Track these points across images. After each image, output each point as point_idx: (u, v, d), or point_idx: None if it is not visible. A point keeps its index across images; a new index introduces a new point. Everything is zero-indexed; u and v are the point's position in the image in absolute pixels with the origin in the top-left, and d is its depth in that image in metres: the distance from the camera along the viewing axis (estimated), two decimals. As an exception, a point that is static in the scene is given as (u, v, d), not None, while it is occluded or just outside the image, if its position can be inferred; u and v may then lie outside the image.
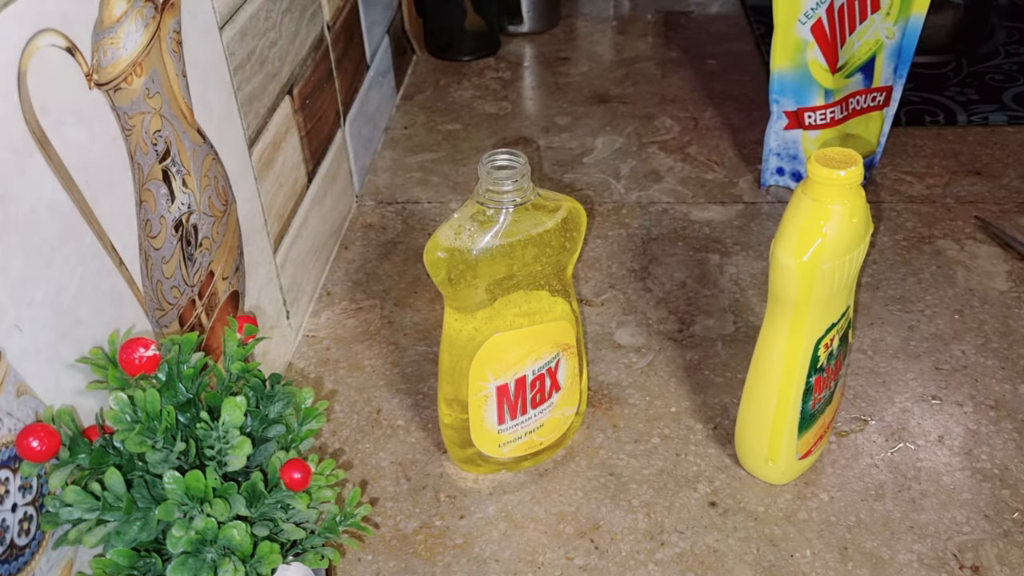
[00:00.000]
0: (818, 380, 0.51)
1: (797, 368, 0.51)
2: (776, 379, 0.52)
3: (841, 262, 0.47)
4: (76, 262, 0.41)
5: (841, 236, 0.46)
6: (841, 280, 0.48)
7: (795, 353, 0.50)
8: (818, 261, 0.47)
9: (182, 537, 0.35)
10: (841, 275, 0.48)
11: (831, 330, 0.50)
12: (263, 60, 0.62)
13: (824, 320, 0.50)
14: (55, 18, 0.39)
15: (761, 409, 0.53)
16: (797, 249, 0.47)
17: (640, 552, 0.53)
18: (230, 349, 0.42)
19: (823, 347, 0.50)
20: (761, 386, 0.53)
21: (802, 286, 0.48)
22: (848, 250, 0.47)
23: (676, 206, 0.84)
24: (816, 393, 0.52)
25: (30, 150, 0.37)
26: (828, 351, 0.51)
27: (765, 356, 0.52)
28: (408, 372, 0.67)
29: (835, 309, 0.50)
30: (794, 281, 0.48)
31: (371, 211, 0.85)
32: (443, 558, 0.53)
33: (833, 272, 0.47)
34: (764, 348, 0.52)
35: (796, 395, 0.51)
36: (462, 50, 1.13)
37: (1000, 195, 0.82)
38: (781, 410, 0.52)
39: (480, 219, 0.49)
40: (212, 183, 0.54)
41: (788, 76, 0.79)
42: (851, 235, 0.47)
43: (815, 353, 0.50)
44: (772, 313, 0.51)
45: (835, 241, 0.46)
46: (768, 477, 0.56)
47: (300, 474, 0.39)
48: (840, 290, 0.49)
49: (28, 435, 0.35)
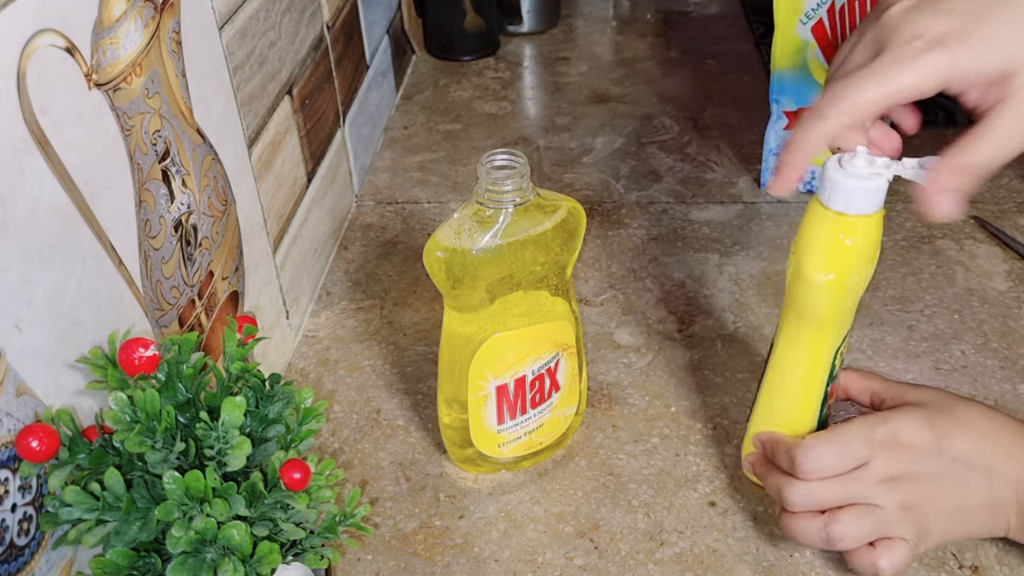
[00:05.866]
0: (833, 388, 0.51)
1: (818, 380, 0.50)
2: (797, 391, 0.50)
3: (868, 272, 0.46)
4: (76, 262, 0.41)
5: (866, 247, 0.45)
6: (863, 289, 0.47)
7: (816, 365, 0.49)
8: (847, 276, 0.45)
9: (182, 537, 0.35)
10: (865, 284, 0.46)
11: (846, 338, 0.49)
12: (263, 60, 0.62)
13: (843, 329, 0.49)
14: (54, 18, 0.39)
15: (779, 418, 0.52)
16: (827, 265, 0.45)
17: (640, 552, 0.53)
18: (230, 349, 0.42)
19: (839, 356, 0.50)
20: (779, 398, 0.51)
21: (832, 303, 0.46)
22: (873, 259, 0.45)
23: (675, 206, 0.84)
24: (830, 400, 0.51)
25: (29, 150, 0.37)
26: (841, 357, 0.50)
27: (784, 369, 0.50)
28: (408, 372, 0.67)
29: (851, 316, 0.49)
30: (824, 299, 0.46)
31: (371, 211, 0.85)
32: (443, 558, 0.53)
33: (859, 284, 0.46)
34: (783, 361, 0.50)
35: (816, 405, 0.50)
36: (462, 50, 1.13)
37: (999, 195, 0.82)
38: (801, 420, 0.51)
39: (480, 219, 0.49)
40: (212, 183, 0.54)
41: (788, 76, 0.79)
42: (875, 244, 0.45)
43: (833, 362, 0.49)
44: (793, 326, 0.49)
45: (861, 253, 0.45)
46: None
47: (300, 474, 0.39)
48: (858, 298, 0.48)
49: (28, 435, 0.35)
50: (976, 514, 0.48)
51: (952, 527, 0.49)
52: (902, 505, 0.47)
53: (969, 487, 0.47)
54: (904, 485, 0.47)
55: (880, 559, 0.47)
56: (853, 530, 0.47)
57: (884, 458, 0.47)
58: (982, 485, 0.47)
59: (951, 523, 0.48)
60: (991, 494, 0.47)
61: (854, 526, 0.47)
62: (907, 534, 0.47)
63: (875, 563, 0.47)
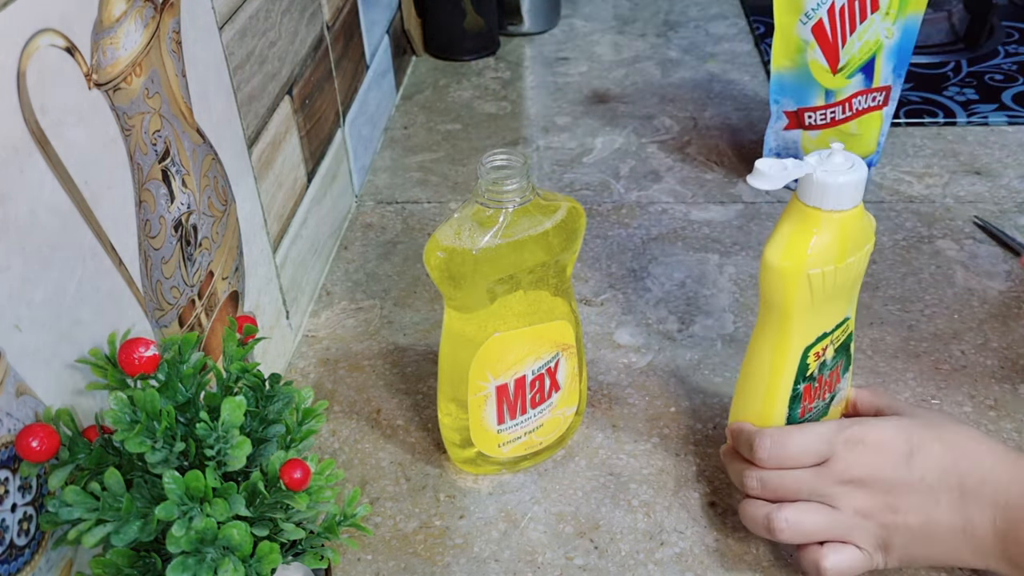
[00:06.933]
0: (807, 388, 0.50)
1: (784, 373, 0.50)
2: (763, 381, 0.51)
3: (832, 269, 0.46)
4: (76, 262, 0.41)
5: (832, 242, 0.46)
6: (833, 287, 0.47)
7: (782, 358, 0.50)
8: (804, 265, 0.46)
9: (182, 537, 0.35)
10: (833, 282, 0.47)
11: (822, 339, 0.49)
12: (263, 60, 0.62)
13: (814, 328, 0.49)
14: (54, 18, 0.38)
15: (748, 409, 0.53)
16: (784, 252, 0.46)
17: (640, 552, 0.53)
18: (229, 349, 0.42)
19: (813, 355, 0.49)
20: (748, 387, 0.52)
21: (788, 290, 0.47)
22: (840, 257, 0.46)
23: (675, 206, 0.84)
24: (806, 401, 0.51)
25: (29, 150, 0.37)
26: (820, 360, 0.50)
27: (754, 358, 0.52)
28: (408, 372, 0.67)
29: (828, 318, 0.49)
30: (780, 284, 0.47)
31: (371, 211, 0.85)
32: (443, 558, 0.53)
33: (823, 278, 0.46)
34: (753, 350, 0.52)
35: (782, 400, 0.50)
36: (462, 50, 1.13)
37: (999, 195, 0.82)
38: (767, 411, 0.51)
39: (480, 219, 0.49)
40: (212, 183, 0.54)
41: (788, 76, 0.79)
42: (843, 242, 0.46)
43: (804, 361, 0.49)
44: (762, 316, 0.50)
45: (825, 247, 0.46)
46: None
47: (300, 474, 0.39)
48: (832, 298, 0.48)
49: (28, 435, 0.35)
50: (946, 537, 0.45)
51: (917, 546, 0.46)
52: (861, 511, 0.46)
53: (938, 506, 0.45)
54: (866, 491, 0.46)
55: (824, 559, 0.46)
56: (797, 523, 0.46)
57: (848, 458, 0.46)
58: (953, 506, 0.45)
59: (916, 541, 0.46)
60: (964, 517, 0.45)
61: (799, 519, 0.46)
62: (863, 542, 0.46)
63: (818, 562, 0.46)
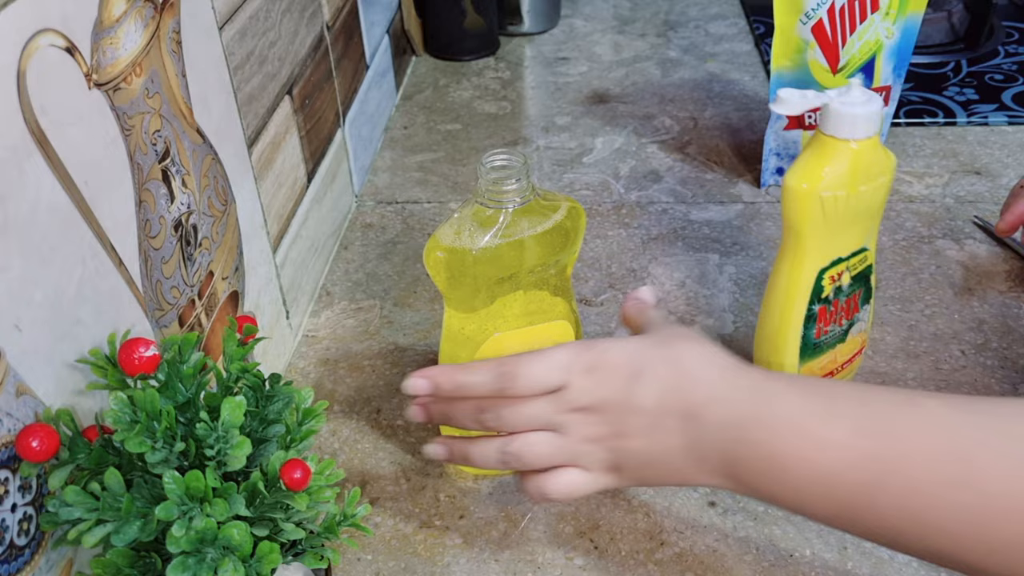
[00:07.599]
0: (823, 310, 0.55)
1: (799, 292, 0.55)
2: (780, 300, 0.56)
3: (845, 194, 0.51)
4: (76, 262, 0.41)
5: (846, 168, 0.50)
6: (847, 212, 0.52)
7: (797, 277, 0.55)
8: (818, 188, 0.51)
9: (182, 537, 0.35)
10: (846, 206, 0.51)
11: (838, 263, 0.54)
12: (263, 60, 0.62)
13: (829, 251, 0.54)
14: (54, 18, 0.39)
15: (768, 328, 0.58)
16: (802, 175, 0.51)
17: (640, 552, 0.53)
18: (229, 349, 0.42)
19: (828, 278, 0.54)
20: (768, 307, 0.58)
21: (803, 210, 0.52)
22: (852, 184, 0.50)
23: (675, 206, 0.84)
24: (821, 323, 0.56)
25: (29, 150, 0.37)
26: (835, 284, 0.55)
27: (774, 279, 0.57)
28: (408, 372, 0.66)
29: (843, 244, 0.54)
30: (796, 205, 0.52)
31: (371, 211, 0.85)
32: (443, 558, 0.53)
33: (836, 201, 0.51)
34: (774, 272, 0.57)
35: (798, 318, 0.56)
36: (462, 50, 1.13)
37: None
38: (783, 329, 0.57)
39: (480, 219, 0.49)
40: (212, 183, 0.54)
41: (788, 76, 0.79)
42: (855, 169, 0.51)
43: (819, 282, 0.54)
44: (784, 240, 0.55)
45: (839, 172, 0.51)
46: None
47: (300, 474, 0.39)
48: (847, 224, 0.53)
49: (28, 435, 0.35)
50: (673, 458, 0.44)
51: (646, 468, 0.46)
52: (589, 437, 0.45)
53: (663, 428, 0.44)
54: (595, 417, 0.45)
55: (546, 482, 0.45)
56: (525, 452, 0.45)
57: (579, 385, 0.45)
58: (678, 427, 0.44)
59: (644, 463, 0.45)
60: (690, 438, 0.44)
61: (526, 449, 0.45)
62: (592, 465, 0.46)
63: (541, 486, 0.46)
